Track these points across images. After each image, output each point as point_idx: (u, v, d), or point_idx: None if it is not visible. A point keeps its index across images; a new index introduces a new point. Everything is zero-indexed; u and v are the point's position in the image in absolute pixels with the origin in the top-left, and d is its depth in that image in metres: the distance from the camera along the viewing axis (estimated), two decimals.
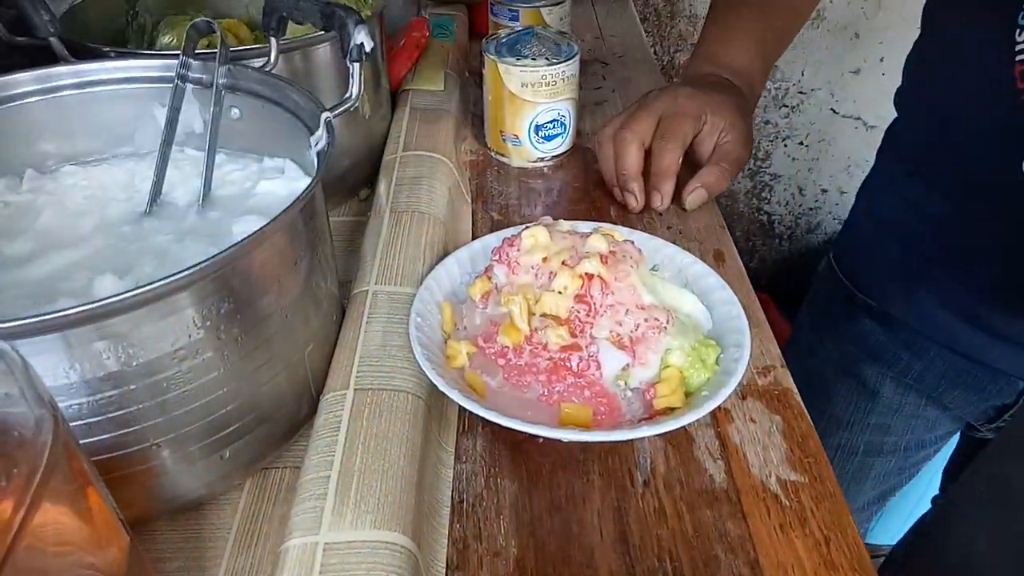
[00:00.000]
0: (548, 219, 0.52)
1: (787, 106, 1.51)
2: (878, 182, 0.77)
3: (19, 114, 0.48)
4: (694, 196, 0.62)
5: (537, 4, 0.82)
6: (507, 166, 0.72)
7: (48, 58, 0.51)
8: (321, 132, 0.44)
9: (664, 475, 0.44)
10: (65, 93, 0.49)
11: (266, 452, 0.43)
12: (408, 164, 0.62)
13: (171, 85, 0.49)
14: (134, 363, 0.33)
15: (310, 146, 0.44)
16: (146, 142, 0.51)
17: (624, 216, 0.65)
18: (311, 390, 0.44)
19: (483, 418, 0.41)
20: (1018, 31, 0.52)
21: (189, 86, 0.49)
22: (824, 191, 1.63)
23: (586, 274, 0.45)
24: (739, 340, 0.45)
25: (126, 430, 0.35)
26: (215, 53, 0.48)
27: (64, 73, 0.49)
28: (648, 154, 0.62)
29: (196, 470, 0.39)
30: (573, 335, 0.44)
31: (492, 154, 0.73)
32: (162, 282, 0.32)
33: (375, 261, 0.51)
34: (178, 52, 0.49)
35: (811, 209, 1.66)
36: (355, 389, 0.42)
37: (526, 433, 0.42)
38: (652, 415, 0.43)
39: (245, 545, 0.41)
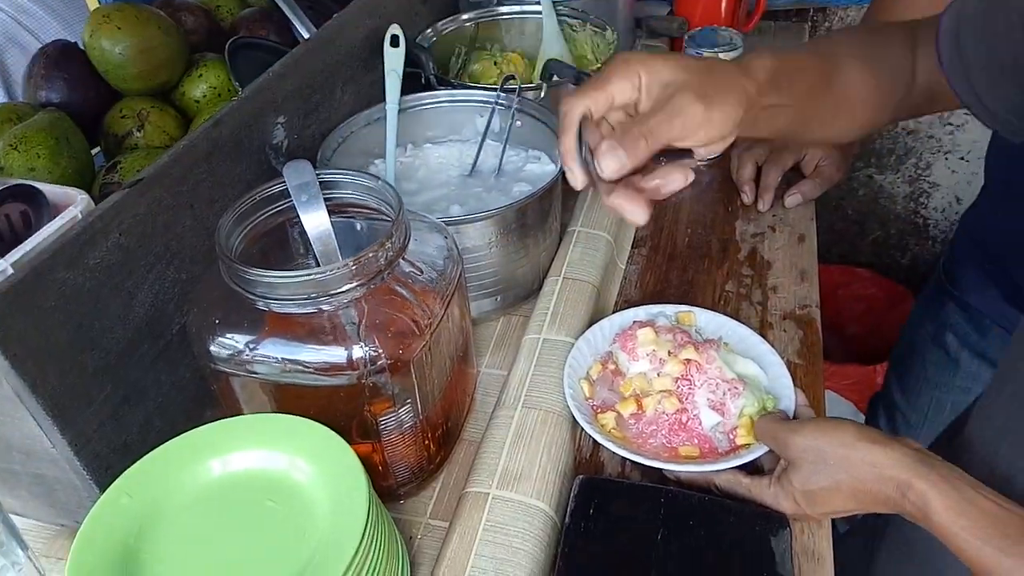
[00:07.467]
0: (649, 314, 0.75)
1: (952, 124, 1.69)
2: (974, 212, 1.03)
3: (412, 113, 0.91)
4: (791, 199, 0.95)
5: (716, 49, 1.15)
6: None
7: (418, 82, 0.94)
8: None
9: None
10: (430, 105, 0.92)
11: (515, 304, 0.85)
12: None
13: (490, 105, 0.90)
14: (465, 244, 0.75)
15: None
16: (467, 133, 0.93)
17: (746, 207, 0.98)
18: (540, 276, 0.84)
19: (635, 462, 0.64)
20: None
21: (498, 107, 0.90)
22: None
23: (686, 360, 0.66)
24: (787, 394, 0.67)
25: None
26: (514, 88, 0.88)
27: (435, 95, 0.92)
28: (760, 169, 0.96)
29: (483, 304, 0.81)
30: (680, 401, 0.65)
31: None
32: (482, 213, 0.72)
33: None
34: (491, 85, 0.90)
35: None
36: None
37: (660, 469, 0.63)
38: (735, 448, 0.64)
39: (496, 346, 0.82)
